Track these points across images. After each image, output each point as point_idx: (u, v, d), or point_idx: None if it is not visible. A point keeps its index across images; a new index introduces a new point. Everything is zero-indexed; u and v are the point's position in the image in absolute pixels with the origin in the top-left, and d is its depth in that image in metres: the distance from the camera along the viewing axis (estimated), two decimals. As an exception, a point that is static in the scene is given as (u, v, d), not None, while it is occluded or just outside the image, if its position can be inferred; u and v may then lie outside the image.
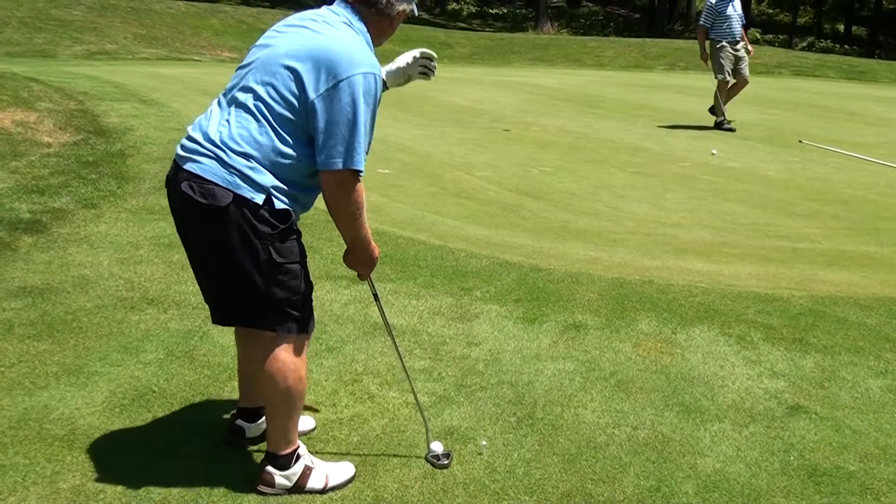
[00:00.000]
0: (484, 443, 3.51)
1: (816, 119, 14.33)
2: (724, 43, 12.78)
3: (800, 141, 11.76)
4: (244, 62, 2.98)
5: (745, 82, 13.15)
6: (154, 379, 3.92)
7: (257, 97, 2.83)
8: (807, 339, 4.77)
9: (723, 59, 12.79)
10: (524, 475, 3.32)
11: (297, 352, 3.03)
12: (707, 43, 12.92)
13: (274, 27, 3.03)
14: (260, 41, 3.02)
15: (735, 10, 12.75)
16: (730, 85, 13.01)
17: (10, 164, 7.26)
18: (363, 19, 2.98)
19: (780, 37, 43.06)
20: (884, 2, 43.40)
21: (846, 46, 41.25)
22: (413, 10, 3.10)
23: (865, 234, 7.15)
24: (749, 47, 13.16)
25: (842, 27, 46.86)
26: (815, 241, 6.84)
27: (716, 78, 12.96)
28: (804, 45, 41.10)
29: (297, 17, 3.02)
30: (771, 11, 51.18)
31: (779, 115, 14.74)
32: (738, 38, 12.83)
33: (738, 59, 12.90)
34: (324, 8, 3.01)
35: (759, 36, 42.60)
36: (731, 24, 12.71)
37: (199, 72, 17.17)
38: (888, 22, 44.29)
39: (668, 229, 7.00)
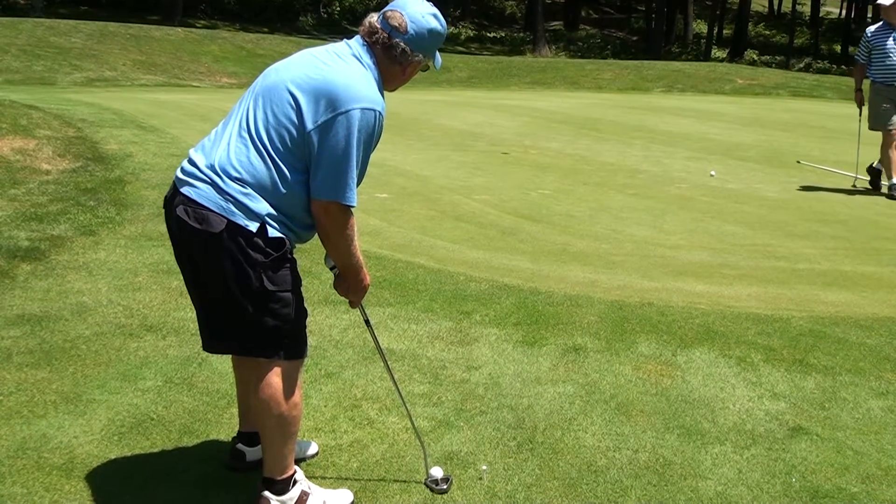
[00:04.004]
0: (484, 467, 3.49)
1: (814, 139, 14.36)
2: (881, 85, 9.92)
3: (798, 161, 11.78)
4: (251, 88, 3.00)
5: None
6: (153, 406, 3.91)
7: (257, 124, 2.84)
8: (807, 360, 4.76)
9: (882, 105, 9.94)
10: (525, 500, 3.30)
11: (290, 377, 3.02)
12: (866, 83, 10.17)
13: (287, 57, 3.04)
14: (269, 68, 3.03)
15: None
16: None
17: (9, 192, 7.27)
18: (376, 59, 2.98)
19: (777, 58, 43.30)
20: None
21: (843, 67, 41.39)
22: (431, 64, 3.09)
23: (864, 255, 7.15)
24: None
25: (839, 48, 47.10)
26: (814, 262, 6.84)
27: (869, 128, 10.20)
28: (801, 65, 41.31)
29: (310, 49, 3.03)
30: (768, 33, 51.51)
31: (776, 135, 14.78)
32: None
33: None
34: (342, 42, 3.03)
35: (756, 57, 42.87)
36: (892, 62, 9.80)
37: (199, 98, 17.24)
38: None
39: (667, 251, 7.00)
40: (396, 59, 2.98)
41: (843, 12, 50.58)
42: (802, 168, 11.45)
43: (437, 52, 3.13)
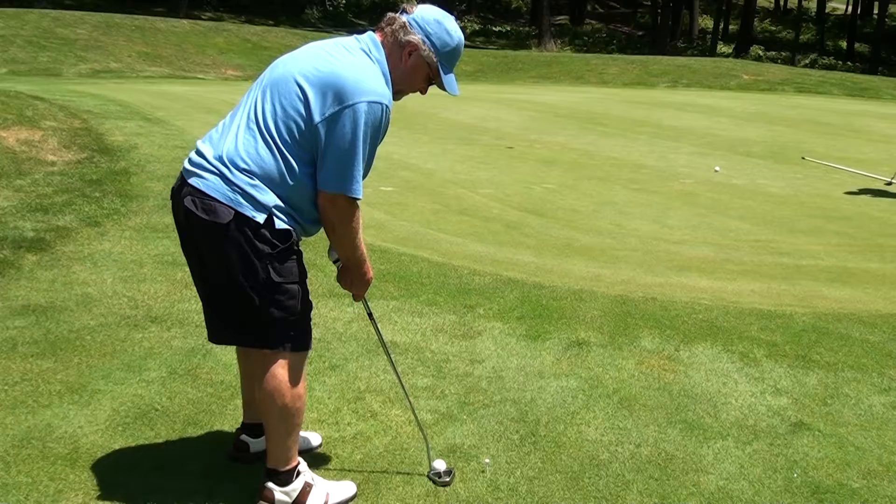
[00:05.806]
0: (487, 460, 3.50)
1: (819, 136, 14.34)
2: None
3: (803, 157, 11.77)
4: (258, 80, 3.00)
5: None
6: (157, 397, 3.92)
7: (265, 116, 2.84)
8: (810, 356, 4.76)
9: None
10: (527, 493, 3.31)
11: (295, 369, 3.02)
12: None
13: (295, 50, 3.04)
14: (277, 60, 3.03)
15: None
16: None
17: (15, 183, 7.28)
18: (385, 53, 2.97)
19: (783, 54, 43.18)
20: (886, 19, 43.48)
21: (849, 63, 41.33)
22: (441, 77, 3.06)
23: (868, 251, 7.15)
24: None
25: (844, 44, 46.94)
26: (817, 258, 6.84)
27: None
28: (807, 62, 41.23)
29: (318, 42, 3.03)
30: (773, 28, 51.36)
31: (782, 131, 14.76)
32: None
33: None
34: (351, 36, 3.03)
35: (761, 53, 42.78)
36: None
37: (204, 90, 17.25)
38: (890, 39, 44.34)
39: (670, 246, 7.00)
40: (399, 42, 2.97)
41: (850, 8, 50.41)
42: (807, 164, 11.43)
43: (453, 77, 3.10)
